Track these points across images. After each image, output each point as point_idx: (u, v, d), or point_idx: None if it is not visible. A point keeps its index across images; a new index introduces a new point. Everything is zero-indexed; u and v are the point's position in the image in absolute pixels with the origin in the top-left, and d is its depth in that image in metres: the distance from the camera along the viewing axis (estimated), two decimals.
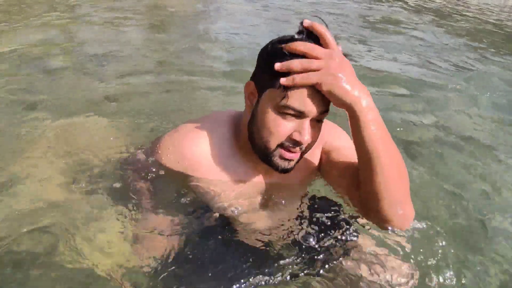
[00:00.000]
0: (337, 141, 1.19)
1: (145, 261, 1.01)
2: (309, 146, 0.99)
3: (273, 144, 0.96)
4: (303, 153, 1.01)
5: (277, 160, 0.98)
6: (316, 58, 0.87)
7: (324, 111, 0.94)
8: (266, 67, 0.95)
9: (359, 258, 1.05)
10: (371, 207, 0.97)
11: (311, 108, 0.91)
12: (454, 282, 1.10)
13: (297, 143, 0.95)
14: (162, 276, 0.97)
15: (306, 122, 0.93)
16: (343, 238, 1.07)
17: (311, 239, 1.06)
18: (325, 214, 1.12)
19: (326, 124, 1.16)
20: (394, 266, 1.02)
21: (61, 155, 1.54)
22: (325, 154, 1.19)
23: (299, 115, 0.92)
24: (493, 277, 1.24)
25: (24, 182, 1.38)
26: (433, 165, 1.90)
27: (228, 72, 2.88)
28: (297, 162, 1.02)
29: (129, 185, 1.17)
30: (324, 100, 0.92)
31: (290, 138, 0.95)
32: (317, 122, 0.96)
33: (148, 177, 1.13)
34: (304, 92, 0.89)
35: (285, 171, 1.01)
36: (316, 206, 1.18)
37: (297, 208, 1.18)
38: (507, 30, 5.57)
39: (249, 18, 4.84)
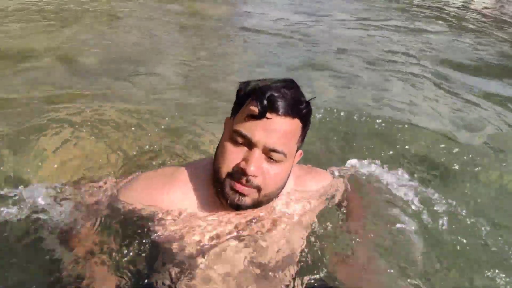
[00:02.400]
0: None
1: None
2: (266, 188, 0.96)
3: (223, 171, 0.96)
4: (259, 191, 0.96)
5: (228, 191, 0.96)
6: None
7: (275, 150, 0.92)
8: (235, 102, 1.00)
9: None
10: None
11: (259, 138, 0.91)
12: None
13: (243, 173, 0.92)
14: None
15: (255, 151, 0.92)
16: None
17: None
18: None
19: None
20: None
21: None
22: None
23: (249, 143, 0.93)
24: None
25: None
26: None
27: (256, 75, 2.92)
28: (256, 204, 0.98)
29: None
30: (276, 136, 0.92)
31: (237, 167, 0.93)
32: (270, 159, 0.94)
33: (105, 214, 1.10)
34: (255, 121, 0.91)
35: (236, 206, 0.97)
36: None
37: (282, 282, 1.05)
38: None
39: (282, 20, 4.83)
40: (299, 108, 0.94)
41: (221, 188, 0.97)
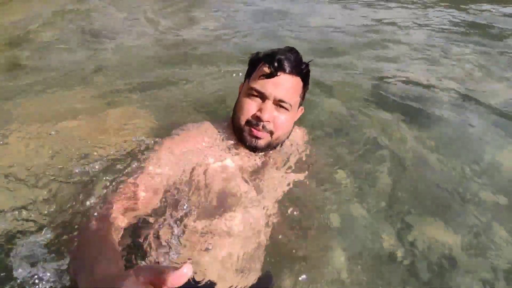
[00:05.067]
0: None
1: None
2: (277, 131, 1.22)
3: (242, 120, 1.22)
4: (271, 135, 1.22)
5: (246, 135, 1.23)
6: None
7: (283, 100, 1.19)
8: (248, 68, 1.28)
9: None
10: None
11: (270, 91, 1.18)
12: None
13: (259, 119, 1.19)
14: None
15: (267, 103, 1.19)
16: None
17: None
18: None
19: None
20: None
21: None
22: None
23: (261, 96, 1.20)
24: None
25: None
26: None
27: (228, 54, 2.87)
28: (269, 146, 1.25)
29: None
30: (283, 89, 1.18)
31: (254, 115, 1.20)
32: (280, 108, 1.20)
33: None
34: (267, 79, 1.18)
35: (253, 148, 1.24)
36: None
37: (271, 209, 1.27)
38: None
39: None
40: (301, 68, 1.22)
41: (240, 134, 1.24)
